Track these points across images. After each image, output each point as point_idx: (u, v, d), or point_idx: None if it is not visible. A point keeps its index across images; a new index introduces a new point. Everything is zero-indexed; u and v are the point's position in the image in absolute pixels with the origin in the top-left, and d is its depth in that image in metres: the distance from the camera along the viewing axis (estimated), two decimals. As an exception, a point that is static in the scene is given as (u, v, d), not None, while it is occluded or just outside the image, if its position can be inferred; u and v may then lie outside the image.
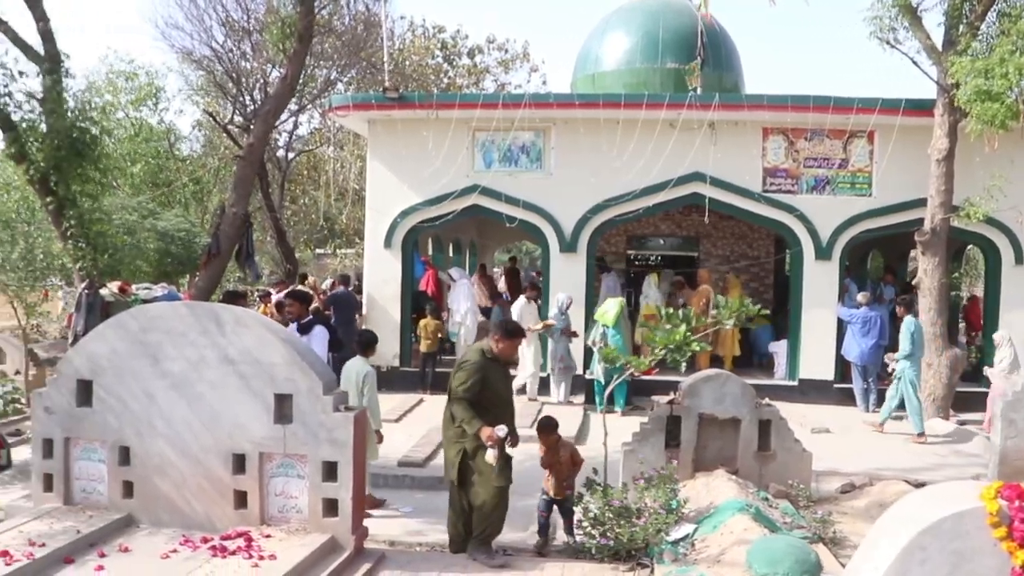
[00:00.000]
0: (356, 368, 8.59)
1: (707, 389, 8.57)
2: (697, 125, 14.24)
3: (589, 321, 14.26)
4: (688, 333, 6.87)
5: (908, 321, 12.40)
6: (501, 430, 6.70)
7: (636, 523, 6.79)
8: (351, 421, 6.42)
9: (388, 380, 14.61)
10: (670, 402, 8.63)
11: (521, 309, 14.14)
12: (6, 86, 9.13)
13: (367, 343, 8.93)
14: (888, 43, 12.54)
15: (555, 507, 7.54)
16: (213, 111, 24.95)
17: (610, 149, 14.29)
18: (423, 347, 14.92)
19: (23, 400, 13.67)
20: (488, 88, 30.63)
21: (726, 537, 6.62)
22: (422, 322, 14.99)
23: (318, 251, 32.92)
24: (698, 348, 6.95)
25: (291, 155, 27.26)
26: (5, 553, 6.10)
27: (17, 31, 9.45)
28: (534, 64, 32.83)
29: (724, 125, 14.37)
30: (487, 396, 6.92)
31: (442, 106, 14.54)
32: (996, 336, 12.85)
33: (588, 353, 14.09)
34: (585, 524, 7.07)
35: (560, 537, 7.58)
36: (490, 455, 6.64)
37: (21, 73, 9.21)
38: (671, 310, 7.93)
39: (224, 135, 25.08)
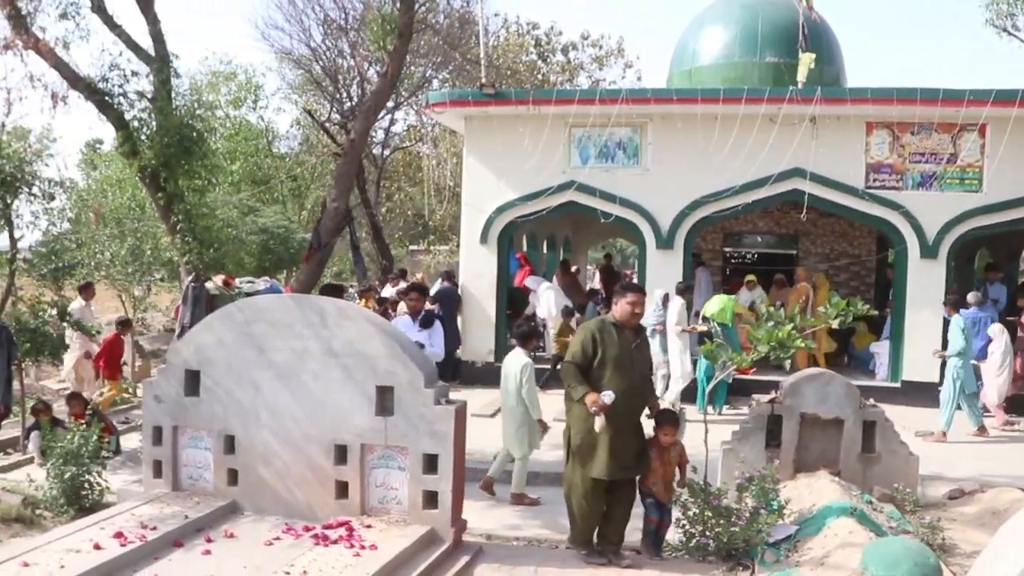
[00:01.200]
0: (515, 360, 8.71)
1: (809, 388, 8.37)
2: (798, 120, 13.90)
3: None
4: (793, 330, 6.70)
5: (956, 319, 12.07)
6: (608, 396, 6.37)
7: (736, 523, 6.66)
8: (452, 414, 6.45)
9: (481, 376, 14.70)
10: (771, 401, 8.46)
11: (680, 311, 13.37)
12: (121, 86, 9.46)
13: (525, 336, 8.99)
14: (1005, 30, 12.04)
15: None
16: (311, 109, 25.41)
17: (708, 145, 14.07)
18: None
19: (130, 390, 14.16)
20: (582, 85, 30.51)
21: (830, 540, 6.45)
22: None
23: (411, 248, 33.25)
24: (804, 345, 6.77)
25: (387, 152, 27.60)
26: (120, 534, 6.31)
27: (130, 34, 9.78)
28: (628, 60, 32.49)
29: (826, 120, 14.02)
30: (601, 363, 6.57)
31: (539, 102, 14.51)
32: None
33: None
34: (684, 523, 6.97)
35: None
36: (597, 423, 6.39)
37: (134, 73, 9.54)
38: (772, 307, 7.75)
39: (321, 133, 25.56)
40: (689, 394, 13.19)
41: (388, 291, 16.60)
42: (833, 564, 5.96)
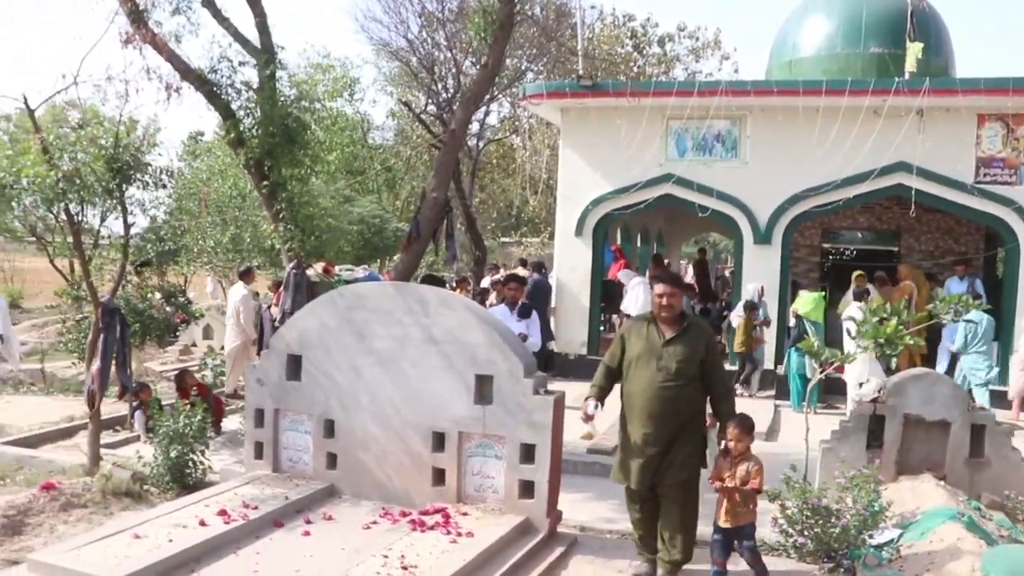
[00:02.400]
0: None
1: (914, 389, 8.10)
2: (904, 112, 13.49)
3: (783, 315, 13.86)
4: (900, 327, 6.52)
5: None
6: (591, 404, 6.09)
7: (836, 523, 6.51)
8: (551, 404, 6.45)
9: (575, 368, 14.70)
10: (873, 400, 8.24)
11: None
12: (229, 77, 9.69)
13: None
14: None
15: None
16: (407, 100, 25.68)
17: (809, 138, 13.76)
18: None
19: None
20: (678, 77, 30.18)
21: (935, 545, 6.26)
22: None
23: (502, 239, 33.37)
24: (912, 342, 6.58)
25: (481, 144, 27.73)
26: (223, 512, 6.50)
27: (237, 28, 10.02)
28: (725, 52, 32.03)
29: (934, 112, 13.56)
30: (628, 362, 6.16)
31: (636, 94, 14.40)
32: None
33: (780, 347, 13.67)
34: (781, 521, 6.83)
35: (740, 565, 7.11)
36: (588, 429, 6.19)
37: (241, 63, 9.76)
38: (878, 303, 7.55)
39: (416, 124, 25.80)
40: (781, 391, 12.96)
41: (485, 281, 16.71)
42: (941, 571, 5.79)
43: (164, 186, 8.59)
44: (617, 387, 6.34)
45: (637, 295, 15.19)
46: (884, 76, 14.58)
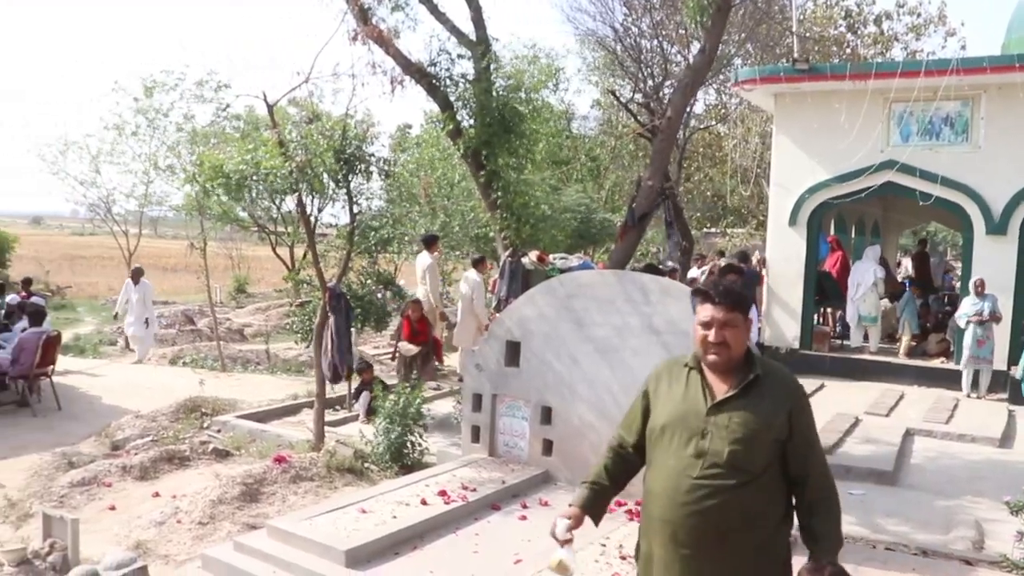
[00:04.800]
0: None
1: None
2: None
3: (1020, 311, 12.87)
4: None
5: None
6: (560, 525, 3.63)
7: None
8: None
9: (784, 363, 14.19)
10: None
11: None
12: (447, 69, 9.94)
13: None
14: None
15: None
16: (612, 89, 25.58)
17: (1053, 117, 12.69)
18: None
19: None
20: (896, 57, 28.61)
21: None
22: None
23: (705, 230, 32.73)
24: None
25: (688, 132, 27.30)
26: (443, 493, 6.67)
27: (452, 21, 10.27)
28: (951, 27, 29.99)
29: None
30: (649, 433, 3.67)
31: (857, 76, 13.69)
32: None
33: (1015, 346, 12.70)
34: (1026, 535, 6.33)
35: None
36: (554, 556, 3.54)
37: (459, 56, 9.99)
38: None
39: (621, 113, 25.66)
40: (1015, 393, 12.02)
41: (692, 272, 16.43)
42: None
43: (387, 175, 8.90)
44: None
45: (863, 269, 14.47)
46: None
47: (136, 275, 16.70)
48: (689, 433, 3.40)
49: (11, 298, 15.14)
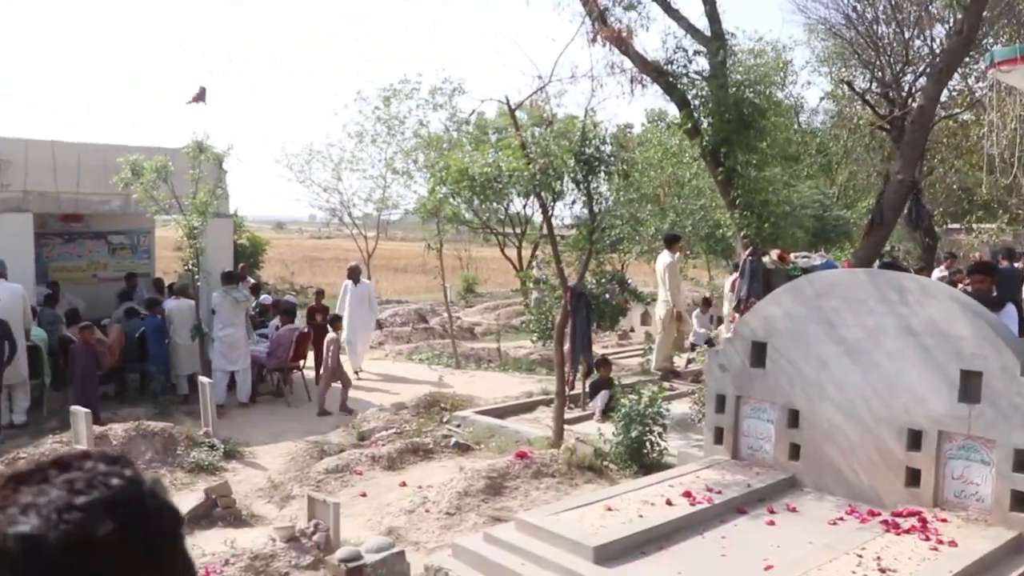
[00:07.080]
0: None
1: None
2: None
3: None
4: None
5: None
6: None
7: None
8: (1055, 407, 5.80)
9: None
10: None
11: None
12: (684, 67, 9.88)
13: None
14: None
15: None
16: (847, 80, 24.54)
17: None
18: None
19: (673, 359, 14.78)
20: None
21: None
22: None
23: (947, 226, 30.73)
24: None
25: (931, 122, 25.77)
26: (688, 494, 6.64)
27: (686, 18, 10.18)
28: None
29: None
30: None
31: None
32: None
33: None
34: None
35: None
36: None
37: (696, 52, 9.90)
38: None
39: (855, 105, 24.57)
40: None
41: (936, 272, 15.51)
42: None
43: (627, 176, 8.95)
44: None
45: None
46: None
47: (353, 274, 14.77)
48: None
49: (264, 297, 16.25)
